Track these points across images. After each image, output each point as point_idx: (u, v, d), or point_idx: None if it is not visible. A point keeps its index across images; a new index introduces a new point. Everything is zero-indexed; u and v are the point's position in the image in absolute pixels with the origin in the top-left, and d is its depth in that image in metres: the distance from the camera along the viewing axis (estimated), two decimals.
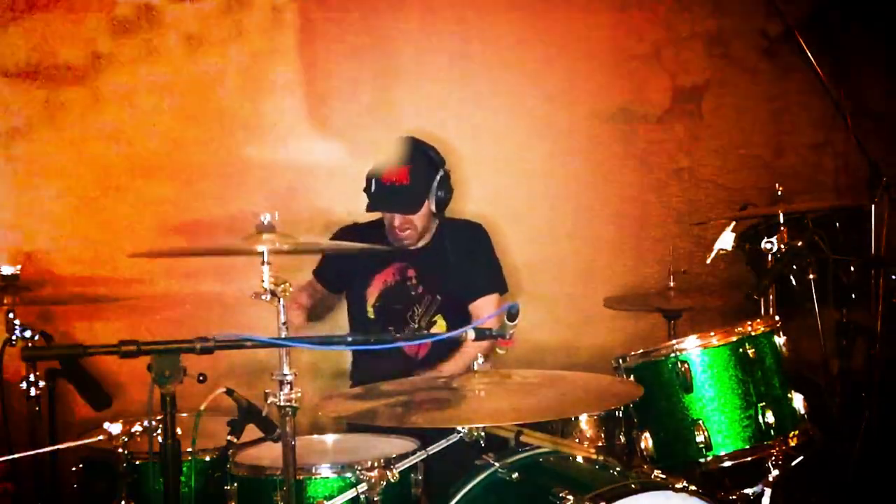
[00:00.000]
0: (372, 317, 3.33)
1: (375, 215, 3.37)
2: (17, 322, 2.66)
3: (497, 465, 2.42)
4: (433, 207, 3.29)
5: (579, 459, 2.55)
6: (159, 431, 1.88)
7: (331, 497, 2.35)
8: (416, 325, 3.29)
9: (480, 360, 2.25)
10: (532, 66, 4.07)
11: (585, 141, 4.17)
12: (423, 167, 3.28)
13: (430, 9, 3.91)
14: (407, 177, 3.23)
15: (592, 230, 4.20)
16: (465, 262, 3.43)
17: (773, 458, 2.64)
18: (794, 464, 2.71)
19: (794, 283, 3.45)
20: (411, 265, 3.34)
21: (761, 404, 2.63)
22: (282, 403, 2.08)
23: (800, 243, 2.92)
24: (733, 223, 3.02)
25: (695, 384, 2.64)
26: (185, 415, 2.11)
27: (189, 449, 2.34)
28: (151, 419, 2.01)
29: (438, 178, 3.27)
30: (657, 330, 3.63)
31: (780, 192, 3.14)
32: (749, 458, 2.63)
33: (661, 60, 4.29)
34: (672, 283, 3.47)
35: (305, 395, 2.12)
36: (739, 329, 2.69)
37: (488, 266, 3.51)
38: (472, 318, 3.33)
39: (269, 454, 2.45)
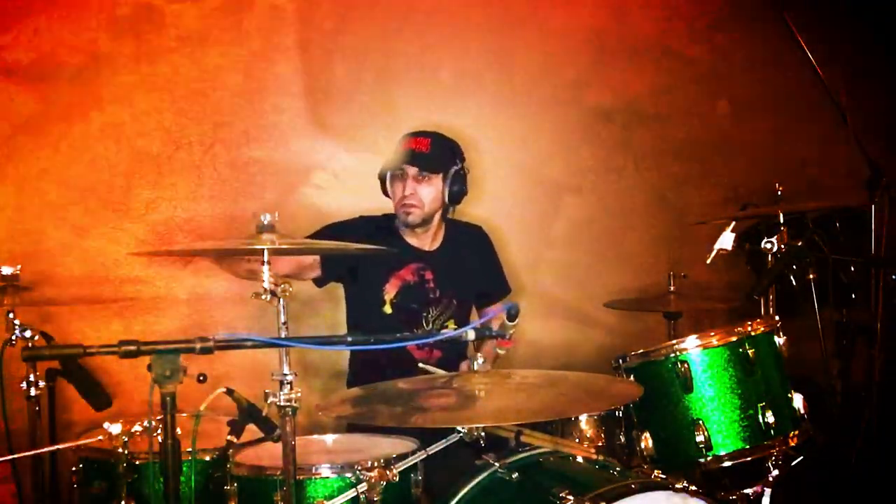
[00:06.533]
0: (389, 312, 3.26)
1: (386, 209, 3.34)
2: (17, 322, 2.66)
3: (497, 465, 2.42)
4: (446, 197, 3.27)
5: (579, 459, 2.55)
6: (159, 431, 1.88)
7: (331, 497, 2.35)
8: (430, 328, 3.28)
9: (480, 360, 2.25)
10: (532, 66, 4.08)
11: (587, 141, 4.18)
12: (445, 149, 3.28)
13: (431, 9, 3.91)
14: (428, 147, 3.23)
15: (593, 230, 4.20)
16: (476, 267, 3.44)
17: (773, 458, 2.64)
18: (794, 464, 2.71)
19: (794, 283, 3.45)
20: (428, 267, 3.31)
21: (761, 404, 2.63)
22: (282, 403, 2.08)
23: (800, 243, 2.92)
24: (733, 223, 3.02)
25: (695, 384, 2.64)
26: (185, 415, 2.11)
27: (189, 449, 2.33)
28: (151, 419, 2.02)
29: (456, 168, 3.27)
30: (657, 330, 3.63)
31: (780, 192, 3.14)
32: (749, 458, 2.63)
33: (662, 59, 4.30)
34: (672, 287, 3.47)
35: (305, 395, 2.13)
36: (739, 329, 2.69)
37: (496, 270, 3.53)
38: None
39: (269, 454, 2.45)
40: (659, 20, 4.33)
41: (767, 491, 2.68)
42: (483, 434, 2.40)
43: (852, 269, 3.75)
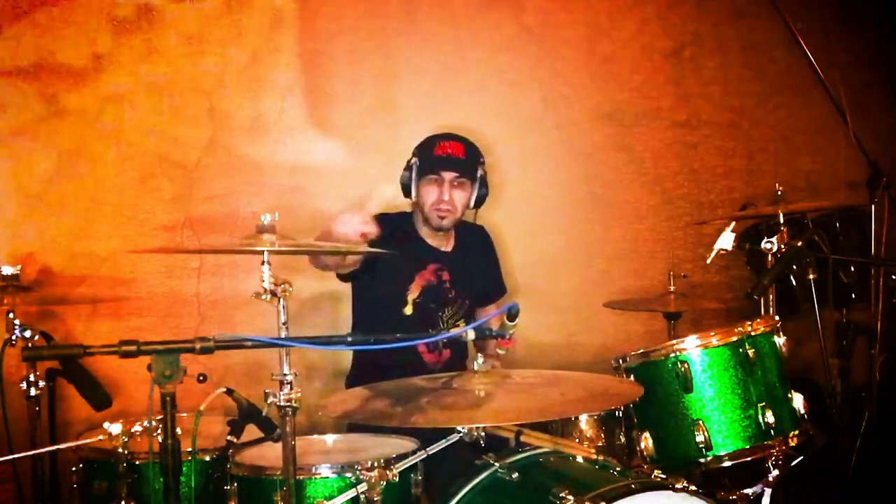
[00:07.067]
0: (410, 312, 3.22)
1: (403, 207, 3.34)
2: (17, 322, 2.67)
3: (497, 465, 2.42)
4: (472, 202, 3.27)
5: (579, 459, 2.55)
6: (159, 431, 1.88)
7: (331, 497, 2.35)
8: (444, 328, 3.26)
9: (480, 359, 2.25)
10: (531, 66, 4.07)
11: (585, 141, 4.17)
12: (474, 154, 3.28)
13: (431, 9, 3.91)
14: (463, 152, 3.22)
15: (593, 230, 4.20)
16: (482, 267, 3.44)
17: (773, 458, 2.64)
18: (794, 464, 2.71)
19: (794, 283, 3.46)
20: (445, 267, 3.30)
21: (761, 404, 2.63)
22: (282, 403, 2.08)
23: (800, 243, 2.91)
24: (733, 223, 3.02)
25: (695, 384, 2.64)
26: (185, 415, 2.11)
27: (189, 449, 2.34)
28: (151, 419, 2.02)
29: (481, 172, 3.27)
30: (657, 330, 3.63)
31: (780, 192, 3.14)
32: (749, 458, 2.63)
33: (663, 61, 4.29)
34: (672, 287, 3.47)
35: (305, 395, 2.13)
36: (739, 329, 2.69)
37: (496, 271, 3.53)
38: None
39: (269, 454, 2.46)
40: (663, 20, 4.32)
41: (767, 491, 2.68)
42: (483, 434, 2.40)
43: (852, 269, 3.76)
